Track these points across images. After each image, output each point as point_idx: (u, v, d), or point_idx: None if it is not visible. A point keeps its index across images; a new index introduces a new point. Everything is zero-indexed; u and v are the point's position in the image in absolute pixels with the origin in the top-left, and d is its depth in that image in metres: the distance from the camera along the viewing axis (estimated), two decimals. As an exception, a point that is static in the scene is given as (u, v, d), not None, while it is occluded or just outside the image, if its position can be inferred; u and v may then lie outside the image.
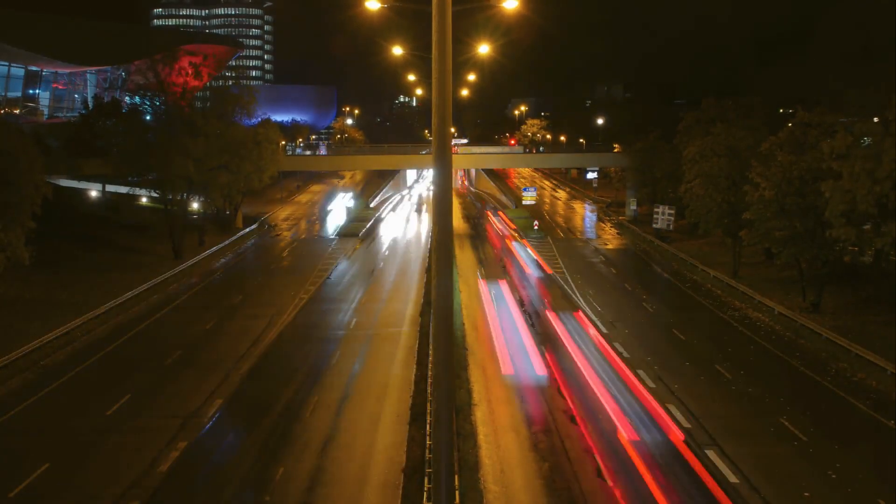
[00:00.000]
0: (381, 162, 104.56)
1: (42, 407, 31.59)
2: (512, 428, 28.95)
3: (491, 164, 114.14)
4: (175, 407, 31.02)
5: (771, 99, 76.61)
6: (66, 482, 24.80)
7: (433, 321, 25.24)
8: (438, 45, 14.38)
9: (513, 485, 24.55)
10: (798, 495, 23.76)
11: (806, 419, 29.50)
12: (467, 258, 65.13)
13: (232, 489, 24.47)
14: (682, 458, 25.87)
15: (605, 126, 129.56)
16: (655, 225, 70.92)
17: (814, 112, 44.45)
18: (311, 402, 31.55)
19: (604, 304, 48.31)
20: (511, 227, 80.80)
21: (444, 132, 14.82)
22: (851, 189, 36.45)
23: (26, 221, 42.85)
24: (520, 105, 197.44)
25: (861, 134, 39.30)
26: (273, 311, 46.34)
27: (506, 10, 20.54)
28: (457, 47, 16.20)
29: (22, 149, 44.60)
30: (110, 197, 78.56)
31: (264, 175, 73.53)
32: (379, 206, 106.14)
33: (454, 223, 69.86)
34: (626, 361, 35.91)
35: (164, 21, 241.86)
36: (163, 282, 53.49)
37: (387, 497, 23.69)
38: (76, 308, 44.09)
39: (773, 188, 42.99)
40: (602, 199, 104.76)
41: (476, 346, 38.91)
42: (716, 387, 33.49)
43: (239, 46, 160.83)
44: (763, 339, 40.86)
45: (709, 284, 53.58)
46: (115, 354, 38.87)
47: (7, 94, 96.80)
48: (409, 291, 52.16)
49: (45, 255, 50.52)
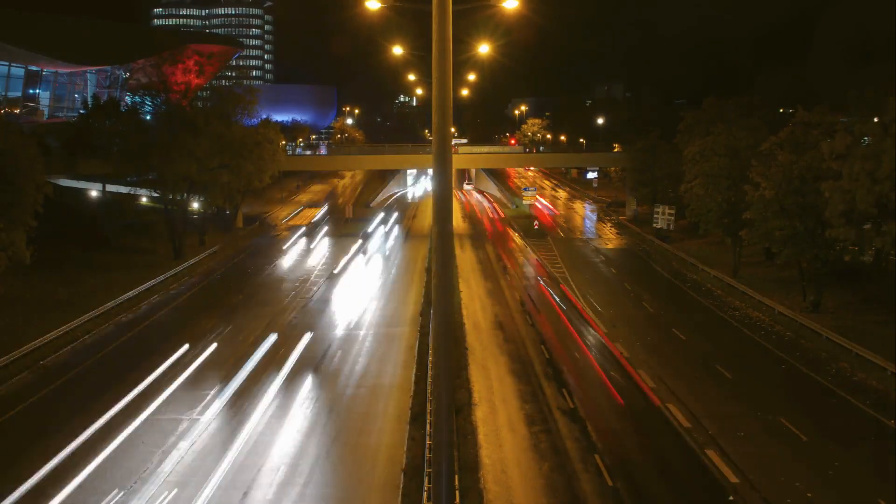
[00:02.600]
0: (381, 162, 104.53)
1: (42, 407, 31.60)
2: (512, 427, 28.97)
3: (491, 164, 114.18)
4: (175, 407, 31.02)
5: (771, 99, 76.35)
6: (66, 482, 24.78)
7: (433, 321, 25.25)
8: (438, 45, 14.37)
9: (513, 484, 24.56)
10: (798, 495, 23.76)
11: (806, 419, 29.49)
12: (467, 256, 65.18)
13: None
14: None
15: (605, 126, 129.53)
16: (655, 225, 70.92)
17: (814, 112, 44.41)
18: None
19: (604, 304, 48.33)
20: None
21: (444, 132, 14.81)
22: (851, 189, 36.42)
23: (28, 220, 42.91)
24: (520, 105, 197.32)
25: (861, 134, 39.26)
26: (273, 311, 46.34)
27: (506, 10, 20.53)
28: (457, 47, 16.20)
29: (22, 148, 44.63)
30: (110, 197, 78.52)
31: (265, 175, 73.54)
32: (379, 205, 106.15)
33: (454, 223, 69.81)
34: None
35: (164, 21, 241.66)
36: (163, 282, 53.51)
37: (387, 497, 23.69)
38: (77, 308, 44.11)
39: (773, 188, 42.98)
40: (602, 199, 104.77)
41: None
42: (716, 387, 33.50)
43: (239, 46, 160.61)
44: (763, 338, 40.86)
45: (709, 284, 53.58)
46: (116, 354, 38.89)
47: (7, 94, 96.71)
48: (408, 291, 52.17)
49: (46, 255, 50.47)
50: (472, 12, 23.83)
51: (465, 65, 57.61)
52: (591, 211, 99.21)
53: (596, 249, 70.07)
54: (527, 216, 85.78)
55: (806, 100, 51.50)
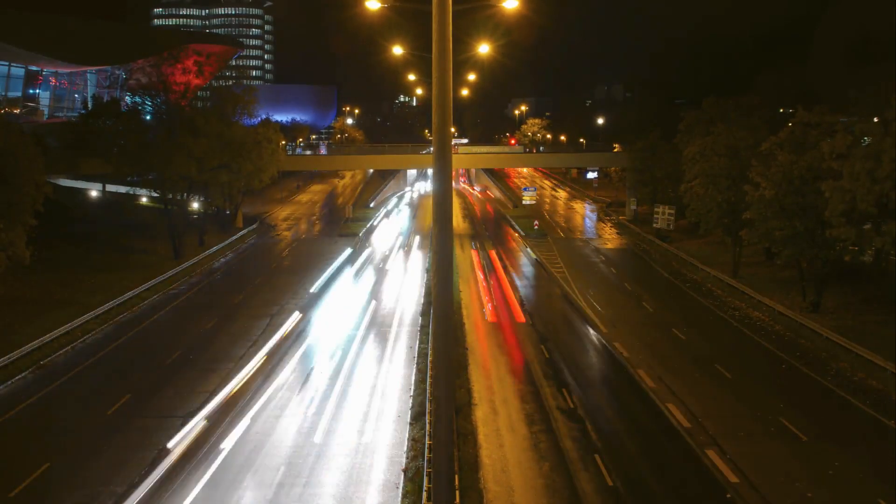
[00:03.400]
0: (381, 162, 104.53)
1: (42, 407, 31.59)
2: (512, 427, 28.97)
3: (491, 164, 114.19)
4: (175, 406, 31.04)
5: (771, 99, 76.29)
6: (66, 482, 24.80)
7: (433, 321, 25.26)
8: (438, 45, 14.38)
9: (513, 484, 24.55)
10: (798, 495, 23.77)
11: (806, 419, 29.50)
12: (466, 258, 65.18)
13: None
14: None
15: (605, 126, 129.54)
16: (655, 225, 70.92)
17: (814, 112, 44.39)
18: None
19: (604, 304, 48.33)
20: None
21: (445, 132, 14.83)
22: (851, 189, 36.44)
23: (28, 220, 42.91)
24: (520, 105, 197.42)
25: (861, 134, 39.29)
26: (273, 311, 46.34)
27: (506, 10, 20.55)
28: (457, 47, 16.20)
29: (22, 148, 44.63)
30: (110, 197, 78.58)
31: (264, 175, 73.57)
32: (379, 205, 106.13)
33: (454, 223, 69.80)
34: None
35: (164, 21, 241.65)
36: (163, 282, 53.48)
37: (387, 497, 23.69)
38: (76, 308, 44.09)
39: (773, 188, 42.98)
40: (602, 199, 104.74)
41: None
42: (716, 387, 33.50)
43: (239, 46, 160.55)
44: (763, 338, 40.85)
45: (709, 284, 53.57)
46: (115, 354, 38.89)
47: (7, 94, 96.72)
48: (408, 291, 52.13)
49: (46, 255, 50.62)
50: (472, 12, 23.88)
51: (465, 65, 57.70)
52: (591, 211, 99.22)
53: (596, 249, 70.07)
54: (527, 216, 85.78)
55: (806, 100, 51.54)
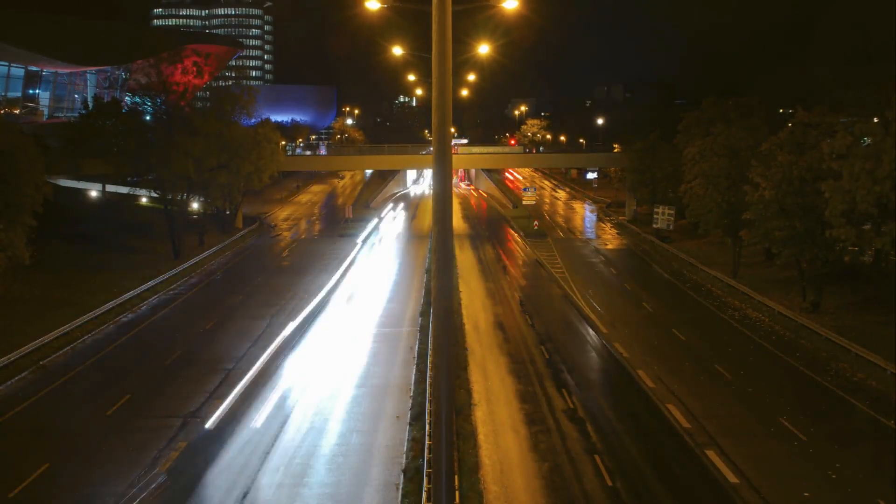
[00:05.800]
0: (381, 162, 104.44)
1: (42, 407, 31.58)
2: (512, 428, 28.96)
3: (490, 164, 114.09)
4: (175, 407, 31.04)
5: (771, 99, 76.35)
6: (66, 482, 24.81)
7: (433, 321, 25.25)
8: (438, 45, 14.35)
9: (513, 485, 24.55)
10: (798, 495, 23.77)
11: (806, 419, 29.50)
12: (466, 257, 65.15)
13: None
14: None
15: (605, 126, 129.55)
16: (655, 225, 70.93)
17: (814, 112, 44.40)
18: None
19: (604, 304, 48.34)
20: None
21: (444, 132, 14.80)
22: (851, 189, 36.44)
23: (27, 220, 42.89)
24: (520, 105, 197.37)
25: (861, 134, 39.26)
26: (273, 312, 46.32)
27: (506, 10, 20.51)
28: (457, 47, 16.21)
29: (22, 149, 44.61)
30: (110, 197, 78.52)
31: (264, 175, 73.51)
32: (379, 205, 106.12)
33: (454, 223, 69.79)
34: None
35: (164, 21, 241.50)
36: (163, 282, 53.45)
37: (387, 497, 23.69)
38: (76, 308, 44.07)
39: (773, 188, 42.98)
40: (602, 199, 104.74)
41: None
42: (716, 387, 33.50)
43: (239, 46, 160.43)
44: (763, 338, 40.86)
45: (709, 284, 53.57)
46: (115, 354, 38.88)
47: (7, 94, 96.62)
48: (408, 290, 52.15)
49: (46, 255, 50.57)
50: (472, 12, 23.81)
51: (465, 65, 57.53)
52: (591, 211, 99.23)
53: (596, 250, 70.08)
54: (526, 216, 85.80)
55: (806, 100, 51.51)
